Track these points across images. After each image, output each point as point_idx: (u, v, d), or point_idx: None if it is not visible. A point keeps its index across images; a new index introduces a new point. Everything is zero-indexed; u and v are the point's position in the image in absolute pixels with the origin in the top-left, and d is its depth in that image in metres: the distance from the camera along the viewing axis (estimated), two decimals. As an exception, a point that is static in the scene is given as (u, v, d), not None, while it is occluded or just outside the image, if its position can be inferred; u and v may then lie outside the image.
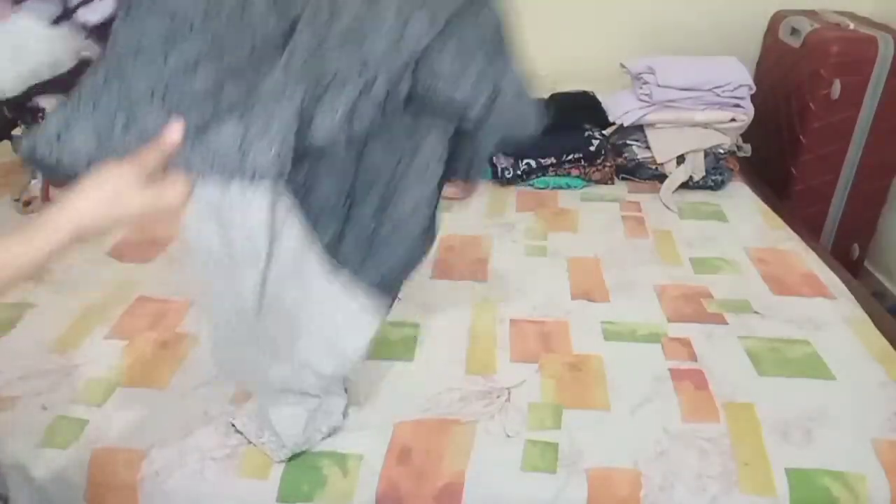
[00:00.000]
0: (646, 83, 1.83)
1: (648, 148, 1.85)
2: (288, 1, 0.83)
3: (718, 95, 1.79)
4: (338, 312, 0.93)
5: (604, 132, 1.88)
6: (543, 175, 1.83)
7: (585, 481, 0.96)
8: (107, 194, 0.72)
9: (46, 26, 0.72)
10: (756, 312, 1.31)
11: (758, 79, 1.92)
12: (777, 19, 2.30)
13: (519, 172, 1.81)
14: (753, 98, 1.82)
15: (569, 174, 1.83)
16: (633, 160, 1.86)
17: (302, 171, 0.85)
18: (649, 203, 1.76)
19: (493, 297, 1.35)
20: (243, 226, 0.80)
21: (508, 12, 0.94)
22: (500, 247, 1.54)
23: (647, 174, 1.86)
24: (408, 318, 1.26)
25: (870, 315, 1.32)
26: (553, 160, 1.81)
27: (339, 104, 0.83)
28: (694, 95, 1.79)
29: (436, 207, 1.01)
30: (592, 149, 1.80)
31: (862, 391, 1.12)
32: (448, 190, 1.81)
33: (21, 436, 1.01)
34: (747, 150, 1.88)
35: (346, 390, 1.05)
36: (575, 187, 1.83)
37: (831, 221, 2.20)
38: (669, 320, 1.29)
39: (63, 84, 0.80)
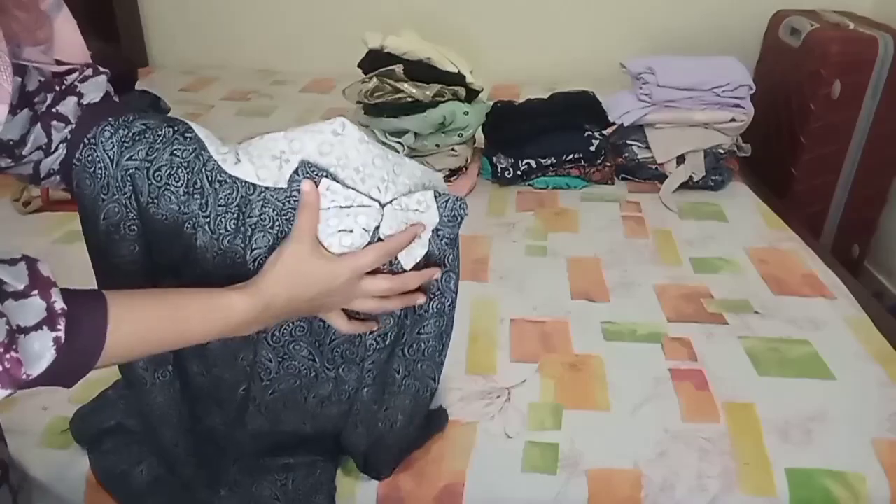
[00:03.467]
0: (646, 83, 1.83)
1: (648, 148, 1.84)
2: None
3: (718, 95, 1.79)
4: None
5: (604, 132, 1.88)
6: (543, 175, 1.83)
7: (586, 482, 0.96)
8: (287, 268, 0.71)
9: None
10: (756, 312, 1.31)
11: (758, 79, 1.92)
12: (777, 19, 2.31)
13: (519, 172, 1.81)
14: (753, 98, 1.82)
15: (569, 174, 1.83)
16: (633, 160, 1.86)
17: None
18: (649, 203, 1.76)
19: (493, 297, 1.35)
20: None
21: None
22: (500, 247, 1.54)
23: (647, 174, 1.86)
24: (408, 319, 1.26)
25: (870, 315, 1.32)
26: (553, 160, 1.81)
27: None
28: (694, 95, 1.79)
29: None
30: (592, 149, 1.80)
31: (862, 391, 1.12)
32: (449, 189, 1.81)
33: (21, 436, 1.01)
34: (747, 150, 1.88)
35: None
36: (575, 187, 1.83)
37: (831, 221, 2.20)
38: (669, 320, 1.29)
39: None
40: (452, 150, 1.75)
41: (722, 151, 1.84)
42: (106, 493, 0.97)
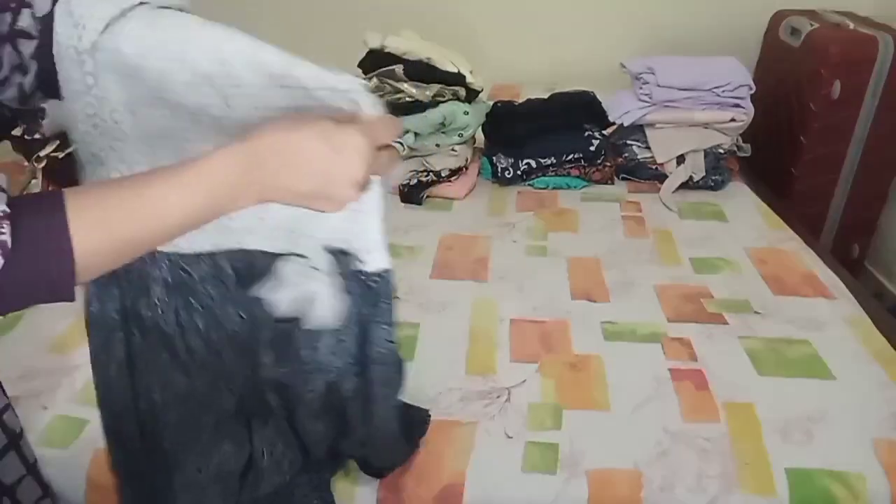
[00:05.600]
0: (646, 83, 1.83)
1: (648, 148, 1.84)
2: None
3: (718, 95, 1.79)
4: None
5: (604, 132, 1.88)
6: (543, 175, 1.83)
7: (586, 482, 0.96)
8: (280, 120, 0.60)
9: None
10: (756, 312, 1.31)
11: (758, 79, 1.92)
12: (777, 19, 2.30)
13: (519, 172, 1.81)
14: (753, 98, 1.82)
15: (569, 174, 1.83)
16: (633, 160, 1.86)
17: None
18: (649, 203, 1.76)
19: (493, 297, 1.35)
20: None
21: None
22: (500, 247, 1.54)
23: (647, 174, 1.86)
24: (408, 318, 1.26)
25: (870, 315, 1.32)
26: (553, 160, 1.81)
27: None
28: (694, 95, 1.79)
29: None
30: (592, 149, 1.80)
31: (862, 391, 1.12)
32: (448, 189, 1.79)
33: (21, 436, 1.01)
34: (747, 150, 1.88)
35: None
36: (575, 187, 1.83)
37: (831, 221, 2.20)
38: (669, 320, 1.29)
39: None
40: (452, 150, 1.75)
41: (722, 151, 1.84)
42: (106, 494, 0.97)
